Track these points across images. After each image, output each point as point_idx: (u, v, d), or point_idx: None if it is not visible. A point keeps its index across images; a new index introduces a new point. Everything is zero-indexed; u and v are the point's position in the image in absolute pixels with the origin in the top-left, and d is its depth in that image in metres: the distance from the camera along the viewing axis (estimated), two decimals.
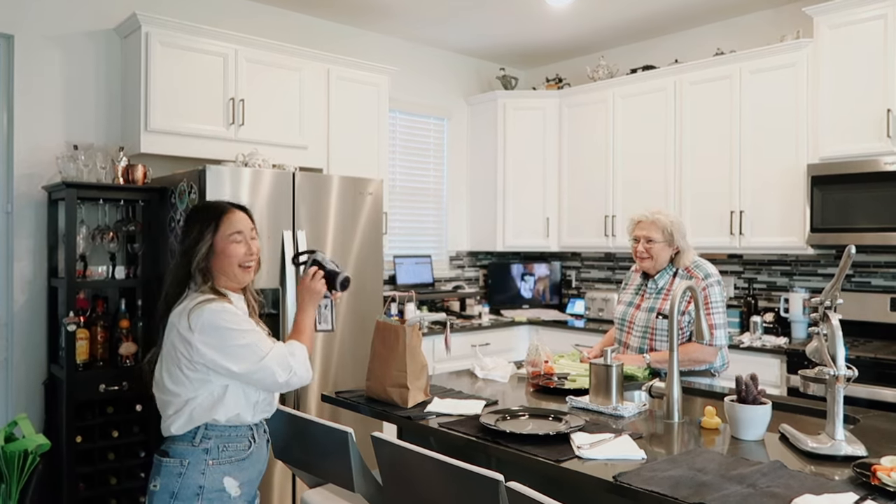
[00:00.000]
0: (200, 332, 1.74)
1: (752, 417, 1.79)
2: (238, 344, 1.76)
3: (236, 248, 1.87)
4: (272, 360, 1.80)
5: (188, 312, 1.75)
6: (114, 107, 3.67)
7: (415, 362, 2.18)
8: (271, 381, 1.81)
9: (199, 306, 1.76)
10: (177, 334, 1.76)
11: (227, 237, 1.86)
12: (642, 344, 2.68)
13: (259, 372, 1.78)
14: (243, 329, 1.78)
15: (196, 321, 1.74)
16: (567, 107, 5.03)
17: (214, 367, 1.76)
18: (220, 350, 1.75)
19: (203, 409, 1.77)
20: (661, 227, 2.65)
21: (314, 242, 3.47)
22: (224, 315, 1.77)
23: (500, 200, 5.12)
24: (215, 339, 1.75)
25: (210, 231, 1.85)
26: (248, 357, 1.77)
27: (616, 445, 1.71)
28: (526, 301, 5.26)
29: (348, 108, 4.20)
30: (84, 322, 3.22)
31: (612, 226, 4.71)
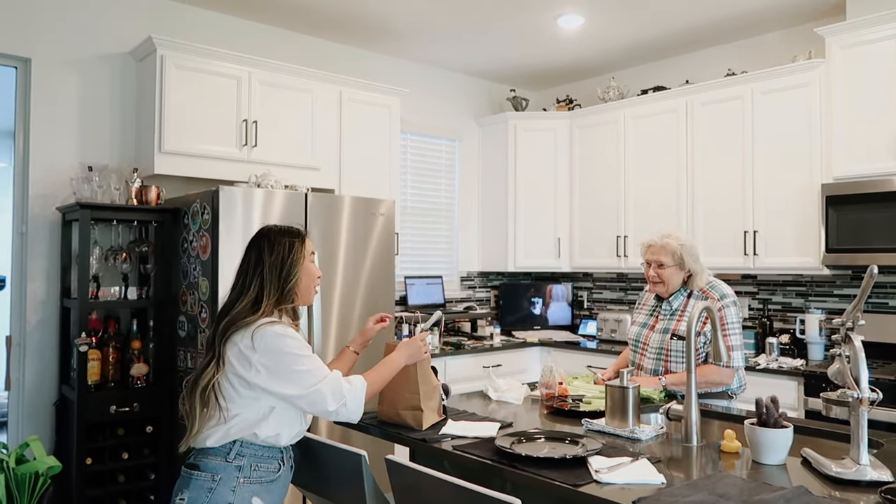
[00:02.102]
0: (262, 352, 1.75)
1: (773, 441, 1.75)
2: (296, 369, 1.77)
3: (314, 268, 1.95)
4: (326, 386, 1.80)
5: (252, 332, 1.77)
6: (128, 129, 3.70)
7: (427, 383, 2.17)
8: (321, 409, 1.81)
9: (263, 327, 1.77)
10: (237, 351, 1.77)
11: (309, 258, 1.93)
12: (657, 366, 2.65)
13: (311, 396, 1.78)
14: (303, 355, 1.79)
15: (260, 341, 1.75)
16: (578, 128, 5.03)
17: (269, 387, 1.76)
18: (277, 373, 1.76)
19: (245, 425, 1.77)
20: (670, 251, 2.63)
21: (327, 261, 3.47)
22: (287, 340, 1.78)
23: (512, 221, 5.11)
24: (275, 362, 1.76)
25: (302, 251, 1.90)
26: (303, 381, 1.78)
27: (634, 469, 1.67)
28: (537, 322, 5.23)
29: (360, 130, 4.22)
30: (96, 343, 3.22)
31: (623, 246, 4.68)
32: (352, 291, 3.58)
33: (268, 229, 1.94)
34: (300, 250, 1.89)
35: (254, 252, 1.89)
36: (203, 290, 3.20)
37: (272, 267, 1.84)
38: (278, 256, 1.86)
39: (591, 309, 5.29)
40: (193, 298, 3.28)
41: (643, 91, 4.72)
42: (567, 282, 5.38)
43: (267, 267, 1.84)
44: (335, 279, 3.52)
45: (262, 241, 1.90)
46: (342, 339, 3.51)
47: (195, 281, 3.28)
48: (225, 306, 1.86)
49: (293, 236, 1.91)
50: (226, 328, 1.80)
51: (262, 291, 1.83)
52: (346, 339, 3.52)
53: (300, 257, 1.88)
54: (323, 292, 3.43)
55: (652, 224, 4.39)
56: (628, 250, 4.64)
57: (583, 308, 5.34)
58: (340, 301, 3.53)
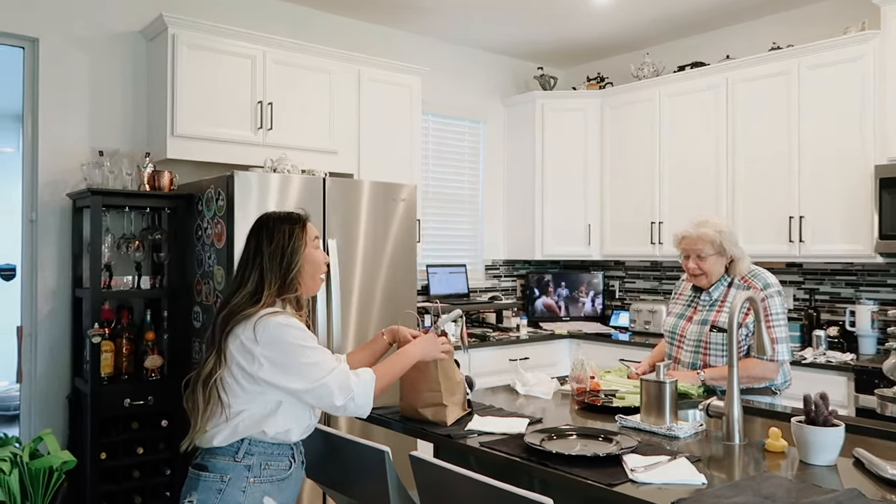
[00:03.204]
0: (265, 344, 1.75)
1: (823, 441, 1.72)
2: (302, 362, 1.77)
3: (319, 254, 1.94)
4: (333, 379, 1.80)
5: (254, 323, 1.76)
6: (139, 111, 3.73)
7: (448, 379, 2.16)
8: (328, 403, 1.81)
9: (265, 318, 1.77)
10: (239, 344, 1.77)
11: (312, 244, 1.92)
12: (695, 359, 2.63)
13: (317, 390, 1.78)
14: (308, 346, 1.79)
15: (262, 333, 1.75)
16: (610, 107, 4.98)
17: (274, 381, 1.76)
18: (282, 366, 1.76)
19: (252, 422, 1.78)
20: (709, 239, 2.59)
21: (345, 249, 3.47)
22: (291, 330, 1.78)
23: (539, 206, 5.08)
24: (279, 354, 1.76)
25: (304, 237, 1.89)
26: (309, 374, 1.77)
27: (673, 469, 1.66)
28: (566, 313, 5.20)
29: (380, 111, 4.21)
30: (109, 334, 3.26)
31: (658, 233, 4.64)
32: (372, 280, 3.58)
33: (266, 217, 1.94)
34: (301, 237, 1.88)
35: (252, 241, 1.89)
36: (218, 280, 3.22)
37: (272, 256, 1.84)
38: (278, 244, 1.86)
39: (623, 299, 5.25)
40: (209, 288, 3.31)
41: (680, 67, 4.65)
42: (598, 270, 5.34)
43: (266, 256, 1.84)
44: (354, 268, 3.52)
45: (260, 230, 1.90)
46: (362, 330, 3.52)
47: (210, 270, 3.30)
48: (224, 300, 1.87)
49: (293, 222, 1.90)
50: (226, 321, 1.80)
51: (263, 282, 1.82)
52: (365, 331, 3.53)
53: (301, 244, 1.88)
54: (342, 281, 3.44)
55: (689, 210, 4.33)
56: (663, 237, 4.60)
57: (614, 298, 5.30)
58: (360, 290, 3.54)
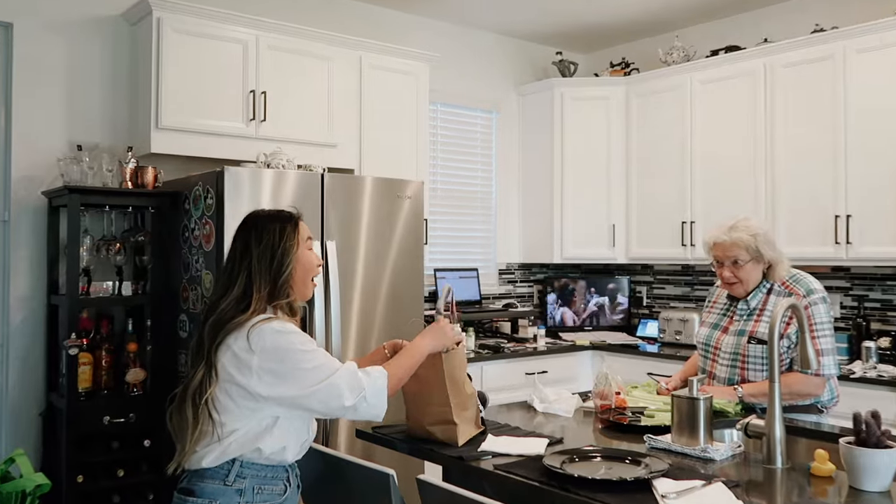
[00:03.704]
0: (263, 354, 1.75)
1: (875, 464, 1.71)
2: (303, 367, 1.77)
3: (311, 256, 1.94)
4: (341, 378, 1.80)
5: (247, 332, 1.76)
6: (121, 102, 3.75)
7: (459, 392, 2.15)
8: (337, 405, 1.80)
9: (259, 325, 1.77)
10: (232, 356, 1.77)
11: (304, 244, 1.92)
12: (731, 374, 2.62)
13: (323, 391, 1.77)
14: (309, 350, 1.80)
15: (257, 342, 1.75)
16: (636, 96, 4.97)
17: (274, 394, 1.76)
18: (281, 375, 1.76)
19: (246, 440, 1.78)
20: (743, 244, 2.57)
21: (346, 251, 3.48)
22: (288, 336, 1.78)
23: (558, 205, 5.08)
24: (278, 363, 1.76)
25: (296, 237, 1.90)
26: (312, 378, 1.77)
27: (709, 495, 1.66)
28: (588, 322, 5.20)
29: (383, 101, 4.22)
30: (87, 345, 3.28)
31: (690, 234, 4.62)
32: (374, 286, 3.59)
33: (255, 215, 1.95)
34: (293, 236, 1.89)
35: (240, 241, 1.90)
36: (207, 285, 3.24)
37: (261, 258, 1.85)
38: (268, 245, 1.86)
39: (651, 307, 5.24)
40: (196, 294, 3.32)
41: (713, 52, 4.64)
42: (623, 275, 5.33)
43: (255, 258, 1.85)
44: (355, 273, 3.53)
45: (248, 229, 1.91)
46: (364, 341, 3.53)
47: (198, 275, 3.32)
48: (210, 306, 1.87)
49: (284, 221, 1.91)
50: (214, 330, 1.80)
51: (251, 286, 1.83)
52: (367, 342, 3.53)
53: (293, 245, 1.88)
54: (342, 288, 3.45)
55: (723, 209, 4.32)
56: (695, 238, 4.59)
57: (641, 305, 5.29)
58: (361, 298, 3.55)
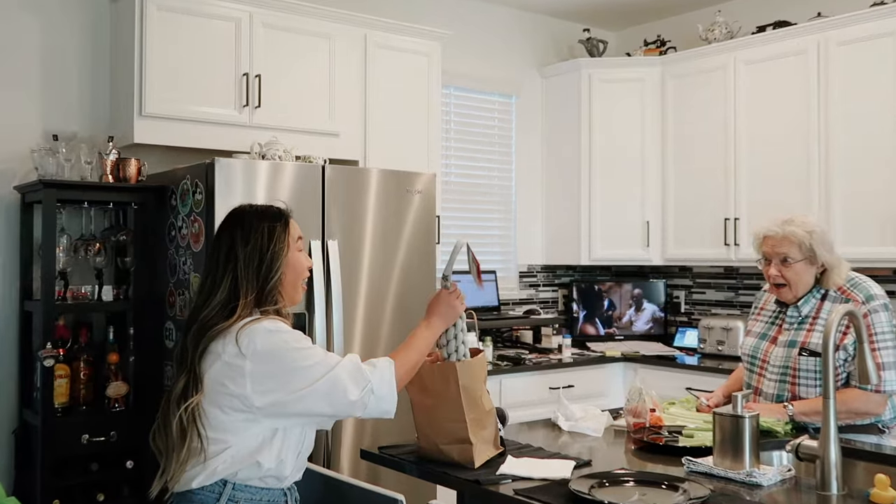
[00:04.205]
0: (255, 358, 1.76)
1: None
2: (301, 366, 1.78)
3: (302, 258, 1.96)
4: (343, 370, 1.81)
5: (236, 335, 1.77)
6: (101, 87, 3.77)
7: (477, 407, 2.14)
8: (342, 401, 1.81)
9: (248, 326, 1.78)
10: (222, 364, 1.78)
11: (295, 245, 1.93)
12: (780, 389, 2.61)
13: (325, 387, 1.78)
14: (304, 347, 1.81)
15: (248, 345, 1.76)
16: (672, 77, 4.95)
17: (272, 401, 1.76)
18: (278, 378, 1.76)
19: (240, 456, 1.78)
20: (796, 241, 2.57)
21: (350, 252, 3.48)
22: (281, 335, 1.80)
23: (586, 199, 5.06)
24: (273, 366, 1.77)
25: (287, 237, 1.91)
26: (311, 375, 1.78)
27: None
28: (620, 331, 5.17)
29: (391, 84, 4.22)
30: (64, 356, 3.29)
31: (734, 232, 4.60)
32: (381, 291, 3.59)
33: (241, 210, 1.96)
34: (283, 237, 1.90)
35: (225, 240, 1.90)
36: (195, 290, 3.25)
37: (248, 260, 1.86)
38: (256, 246, 1.87)
39: (690, 314, 5.22)
40: (183, 300, 3.33)
41: (759, 28, 4.62)
42: (659, 278, 5.31)
43: (241, 261, 1.86)
44: (359, 276, 3.53)
45: (234, 226, 1.92)
46: (369, 352, 3.52)
47: (185, 278, 3.33)
48: (192, 311, 1.88)
49: (273, 219, 1.92)
50: (197, 338, 1.82)
51: (237, 290, 1.84)
52: (373, 353, 3.52)
53: (283, 247, 1.89)
54: (345, 293, 3.45)
55: (772, 203, 4.30)
56: (740, 237, 4.56)
57: (679, 312, 5.27)
58: (366, 304, 3.54)
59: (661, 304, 5.24)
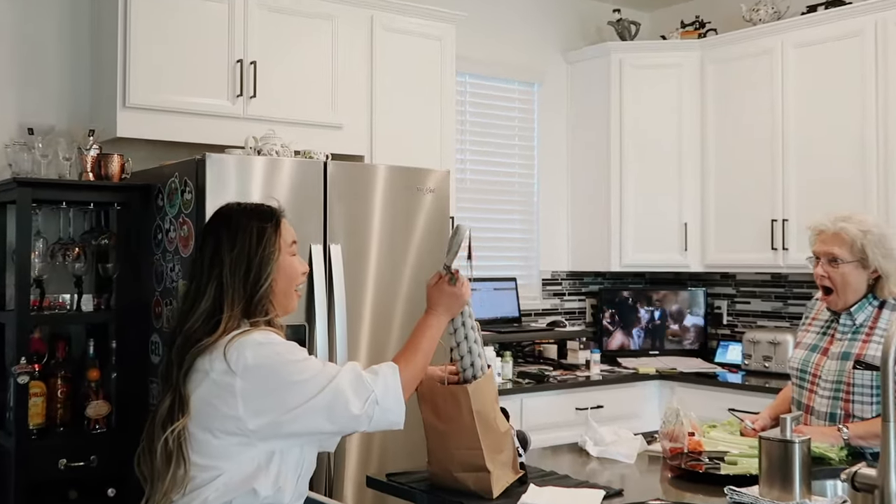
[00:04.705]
0: (247, 375, 1.76)
1: None
2: (296, 380, 1.78)
3: (296, 263, 1.96)
4: (343, 382, 1.81)
5: (223, 350, 1.77)
6: (81, 76, 3.79)
7: (491, 430, 2.14)
8: (344, 416, 1.81)
9: (238, 339, 1.78)
10: (210, 385, 1.78)
11: (287, 249, 1.93)
12: (833, 407, 2.61)
13: (324, 401, 1.78)
14: (299, 359, 1.82)
15: (238, 360, 1.76)
16: (713, 63, 4.95)
17: (267, 422, 1.76)
18: (272, 394, 1.77)
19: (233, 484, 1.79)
20: (849, 240, 2.57)
21: (354, 257, 3.48)
22: (273, 347, 1.80)
23: (616, 199, 5.06)
24: (266, 382, 1.77)
25: (277, 240, 1.91)
26: (308, 389, 1.78)
27: None
28: (654, 345, 5.16)
29: (400, 72, 4.23)
30: (40, 372, 3.30)
31: (782, 234, 4.58)
32: (388, 301, 3.58)
33: (228, 209, 1.97)
34: (274, 240, 1.90)
35: (210, 242, 1.91)
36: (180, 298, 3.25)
37: (235, 265, 1.86)
38: (243, 252, 1.87)
39: (733, 326, 5.20)
40: (171, 310, 3.34)
41: (810, 8, 4.61)
42: (698, 286, 5.30)
43: (227, 267, 1.86)
44: (365, 284, 3.53)
45: (219, 227, 1.93)
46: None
47: (173, 286, 3.34)
48: (176, 322, 1.89)
49: (264, 219, 1.92)
50: (182, 352, 1.83)
51: (222, 299, 1.84)
52: None
53: (274, 251, 1.89)
54: (349, 302, 3.45)
55: (824, 203, 4.26)
56: (788, 240, 4.55)
57: (721, 325, 5.25)
58: (373, 314, 3.54)
59: (700, 315, 5.22)
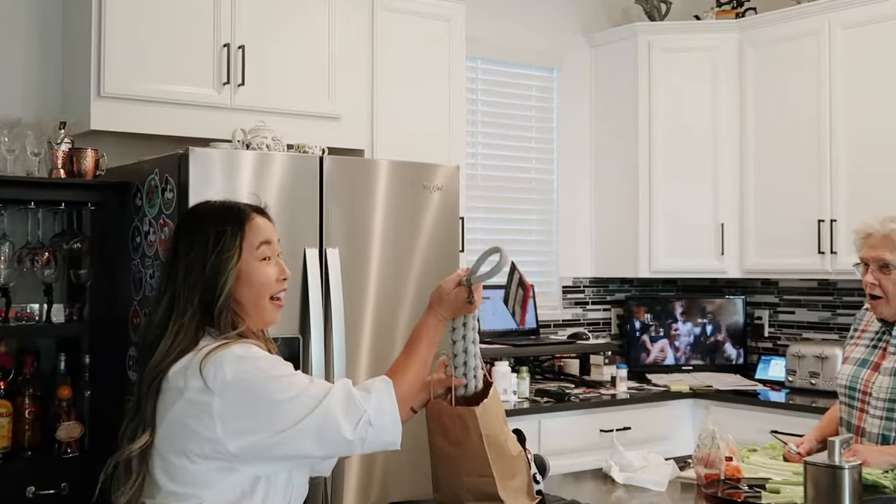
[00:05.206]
0: (224, 392, 1.75)
1: None
2: (282, 398, 1.78)
3: (266, 269, 1.92)
4: (333, 402, 1.80)
5: (198, 366, 1.77)
6: (51, 63, 3.80)
7: (502, 454, 2.15)
8: (336, 440, 1.80)
9: (215, 354, 1.77)
10: (185, 403, 1.77)
11: (252, 253, 1.90)
12: (886, 428, 2.62)
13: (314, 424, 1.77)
14: (285, 374, 1.81)
15: (214, 376, 1.76)
16: (752, 45, 4.95)
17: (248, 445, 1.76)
18: (255, 414, 1.76)
19: None
20: None
21: (353, 262, 3.48)
22: (255, 362, 1.79)
23: (645, 197, 5.06)
24: (248, 401, 1.76)
25: (237, 243, 1.88)
26: (296, 411, 1.78)
27: None
28: (688, 359, 5.16)
29: (404, 57, 4.23)
30: (5, 389, 3.31)
31: (830, 237, 4.57)
32: (391, 311, 3.58)
33: (193, 210, 1.99)
34: (233, 243, 1.88)
35: (170, 249, 1.93)
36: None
37: (187, 272, 1.85)
38: (198, 256, 1.86)
39: (775, 338, 5.20)
40: None
41: None
42: (736, 294, 5.29)
43: (181, 273, 1.86)
44: (366, 291, 3.53)
45: (179, 231, 1.93)
46: None
47: (153, 294, 3.33)
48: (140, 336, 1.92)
49: (223, 220, 1.90)
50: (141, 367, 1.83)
51: (171, 311, 1.84)
52: None
53: (232, 255, 1.87)
54: (347, 311, 3.45)
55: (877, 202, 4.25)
56: (837, 243, 4.54)
57: (762, 337, 5.25)
58: (375, 326, 3.54)
59: (739, 326, 5.21)
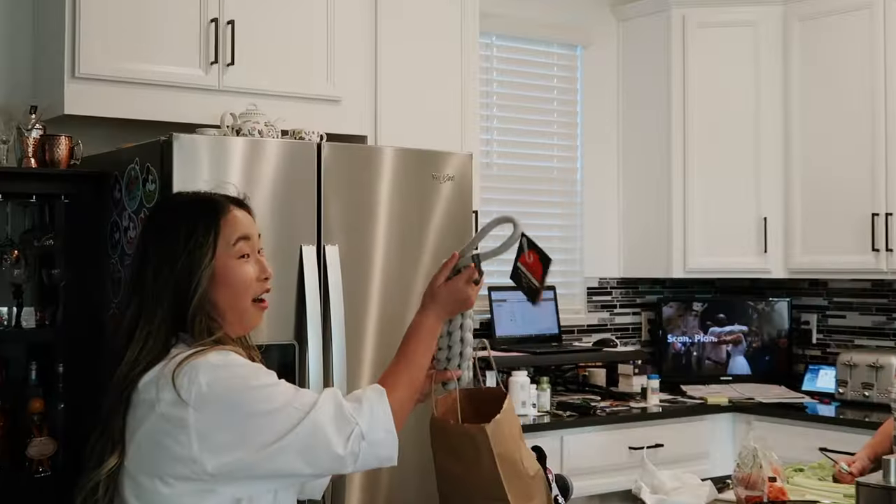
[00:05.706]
0: (200, 404, 1.74)
1: None
2: (265, 410, 1.76)
3: (244, 268, 1.91)
4: (321, 415, 1.79)
5: (171, 376, 1.75)
6: (21, 41, 3.81)
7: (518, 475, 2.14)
8: (326, 457, 1.80)
9: (187, 363, 1.76)
10: (157, 418, 1.76)
11: (229, 250, 1.89)
12: None
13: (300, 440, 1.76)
14: (267, 384, 1.80)
15: (189, 388, 1.74)
16: (800, 19, 4.94)
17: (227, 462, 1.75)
18: (235, 429, 1.75)
19: None
20: None
21: (355, 261, 3.48)
22: (233, 370, 1.78)
23: (679, 189, 5.06)
24: (228, 413, 1.75)
25: (210, 240, 1.87)
26: (280, 425, 1.76)
27: None
28: (726, 368, 5.16)
29: (410, 33, 4.23)
30: None
31: (885, 232, 4.58)
32: (397, 313, 3.58)
33: (165, 202, 2.02)
34: (206, 239, 1.86)
35: (139, 247, 1.93)
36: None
37: (157, 271, 1.85)
38: (167, 254, 1.85)
39: (825, 345, 5.19)
40: None
41: None
42: (781, 296, 5.29)
43: (150, 274, 1.85)
44: (369, 293, 3.53)
45: (148, 224, 1.94)
46: None
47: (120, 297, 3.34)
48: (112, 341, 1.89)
49: (194, 215, 1.89)
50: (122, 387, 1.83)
51: (139, 316, 1.84)
52: None
53: (205, 253, 1.85)
54: (348, 314, 3.45)
55: None
56: (893, 239, 4.54)
57: (810, 344, 5.25)
58: (378, 331, 3.54)
59: (784, 331, 5.21)
